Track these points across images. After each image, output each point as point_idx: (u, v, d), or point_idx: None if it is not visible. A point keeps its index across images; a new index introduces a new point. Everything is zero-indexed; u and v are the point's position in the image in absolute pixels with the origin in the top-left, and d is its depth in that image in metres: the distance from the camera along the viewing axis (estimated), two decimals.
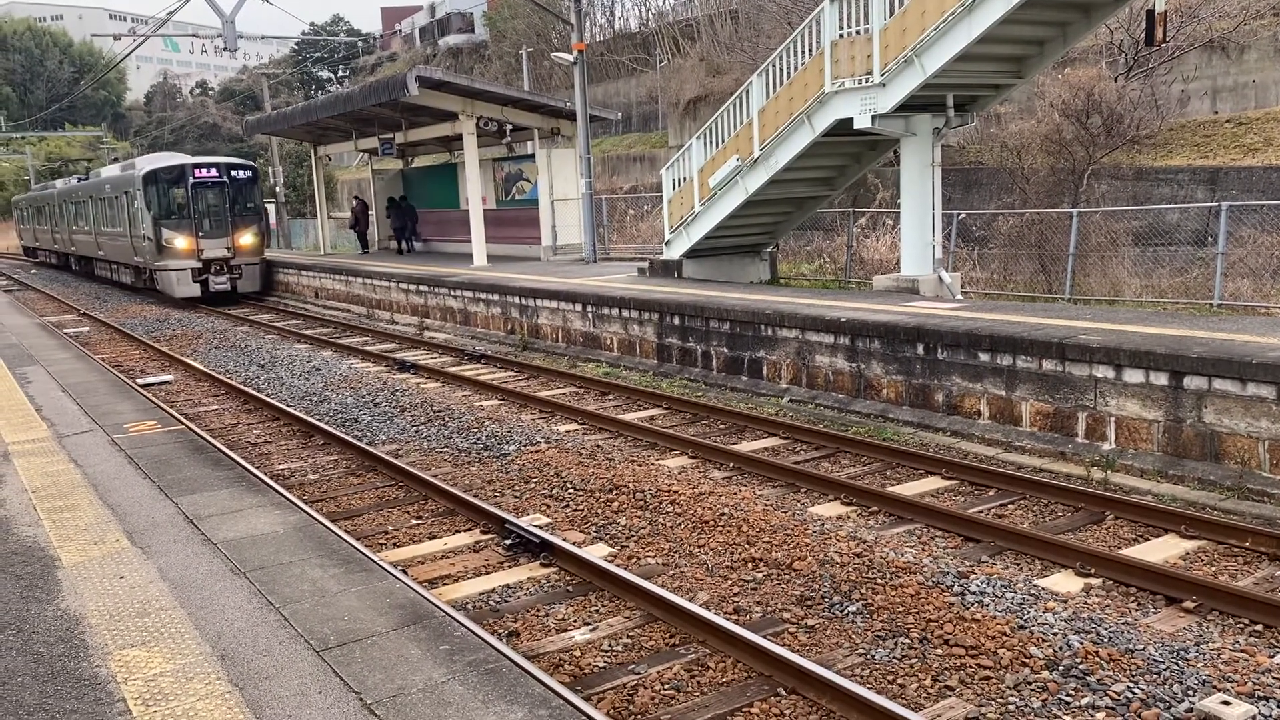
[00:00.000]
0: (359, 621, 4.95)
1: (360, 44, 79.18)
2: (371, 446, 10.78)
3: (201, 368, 16.41)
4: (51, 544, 6.24)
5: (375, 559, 6.19)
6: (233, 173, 27.02)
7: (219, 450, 9.15)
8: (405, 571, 6.98)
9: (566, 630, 6.27)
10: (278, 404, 13.19)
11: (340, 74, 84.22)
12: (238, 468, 8.30)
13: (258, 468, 9.65)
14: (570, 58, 22.04)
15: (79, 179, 40.08)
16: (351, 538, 7.14)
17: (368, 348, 18.52)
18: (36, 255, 51.26)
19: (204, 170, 26.64)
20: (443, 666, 4.44)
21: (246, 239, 27.18)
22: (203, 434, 10.09)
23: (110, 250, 32.09)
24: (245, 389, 14.39)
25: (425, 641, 4.70)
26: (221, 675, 4.43)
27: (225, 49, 25.54)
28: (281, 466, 10.39)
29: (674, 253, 17.74)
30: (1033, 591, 6.48)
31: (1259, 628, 5.98)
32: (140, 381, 14.81)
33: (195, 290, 26.61)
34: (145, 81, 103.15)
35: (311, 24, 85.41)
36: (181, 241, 26.18)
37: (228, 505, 6.95)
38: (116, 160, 43.32)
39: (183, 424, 10.25)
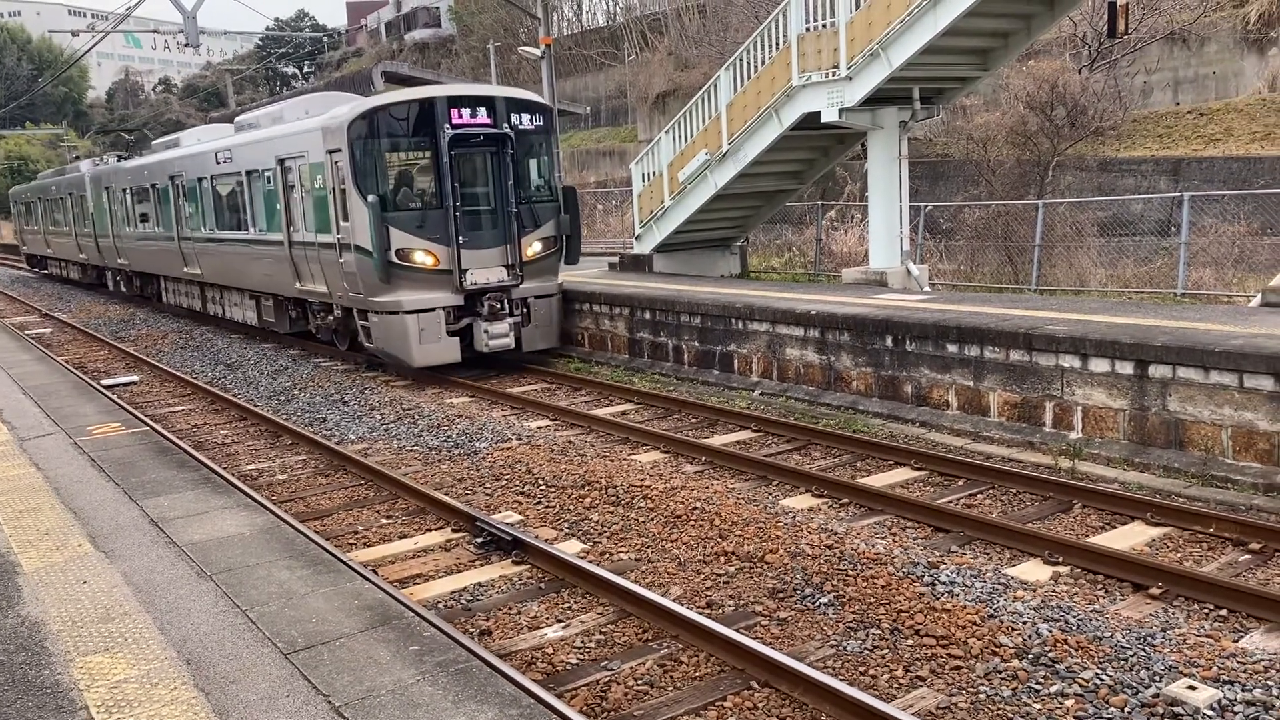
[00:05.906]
0: (327, 623, 4.90)
1: (325, 39, 78.40)
2: (340, 445, 10.69)
3: (167, 368, 16.20)
4: (12, 549, 6.13)
5: (344, 559, 6.14)
6: (514, 116, 14.13)
7: (185, 451, 9.04)
8: (375, 571, 6.92)
9: (539, 628, 6.24)
10: (244, 404, 13.06)
11: (305, 70, 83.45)
12: (204, 469, 8.21)
13: (224, 468, 9.55)
14: (538, 52, 21.98)
15: (119, 157, 28.54)
16: (320, 538, 7.10)
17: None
18: (46, 266, 38.45)
19: (465, 112, 13.74)
20: (412, 667, 4.41)
21: (537, 246, 14.72)
22: (168, 435, 9.97)
23: (221, 270, 19.54)
24: (212, 389, 14.22)
25: (395, 642, 4.66)
26: (187, 680, 4.37)
27: (187, 45, 25.25)
28: (249, 467, 10.27)
29: (644, 247, 17.72)
30: (1002, 580, 6.53)
31: (1224, 613, 6.06)
32: (104, 383, 14.60)
33: (451, 350, 14.04)
34: (107, 79, 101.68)
35: (276, 19, 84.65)
36: (425, 255, 13.71)
37: (193, 507, 6.86)
38: (79, 158, 37.73)
39: (148, 425, 10.13)
